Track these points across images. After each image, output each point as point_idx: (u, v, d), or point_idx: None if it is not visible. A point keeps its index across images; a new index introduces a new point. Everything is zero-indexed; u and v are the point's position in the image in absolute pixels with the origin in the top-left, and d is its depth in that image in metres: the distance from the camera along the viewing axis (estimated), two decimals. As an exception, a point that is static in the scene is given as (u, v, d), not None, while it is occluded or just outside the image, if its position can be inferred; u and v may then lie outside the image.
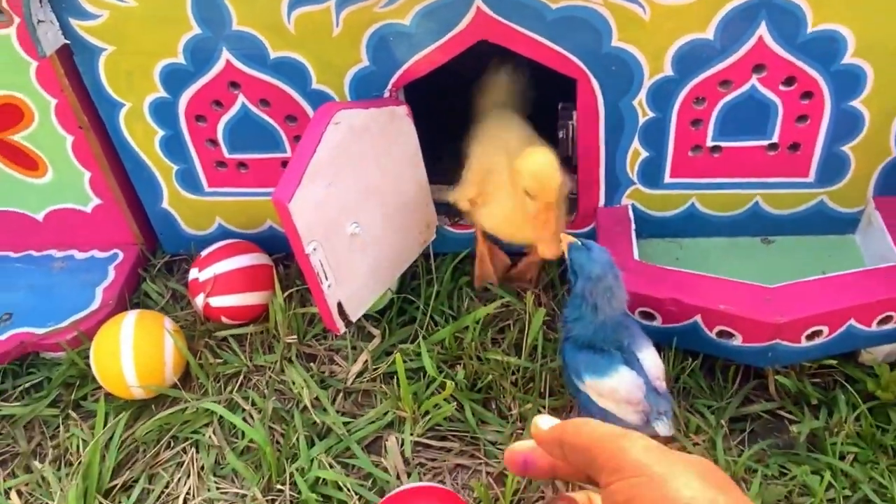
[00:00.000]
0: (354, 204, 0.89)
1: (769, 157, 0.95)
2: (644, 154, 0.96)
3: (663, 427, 0.79)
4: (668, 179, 0.98)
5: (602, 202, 1.01)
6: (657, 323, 0.91)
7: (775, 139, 0.93)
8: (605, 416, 0.81)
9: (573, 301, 0.82)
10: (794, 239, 1.02)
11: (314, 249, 0.85)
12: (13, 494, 0.87)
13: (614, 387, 0.79)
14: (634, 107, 0.91)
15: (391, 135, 0.91)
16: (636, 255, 0.94)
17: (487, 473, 0.88)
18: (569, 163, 1.02)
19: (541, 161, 0.84)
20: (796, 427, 0.88)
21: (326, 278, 0.88)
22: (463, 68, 0.96)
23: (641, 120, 0.92)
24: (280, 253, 1.11)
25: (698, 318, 0.88)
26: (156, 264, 1.15)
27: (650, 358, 0.81)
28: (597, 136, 0.95)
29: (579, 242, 0.82)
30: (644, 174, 0.98)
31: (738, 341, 0.88)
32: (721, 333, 0.88)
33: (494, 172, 0.93)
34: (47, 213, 1.12)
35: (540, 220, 0.86)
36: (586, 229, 1.04)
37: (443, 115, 1.02)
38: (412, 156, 0.95)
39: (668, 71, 0.88)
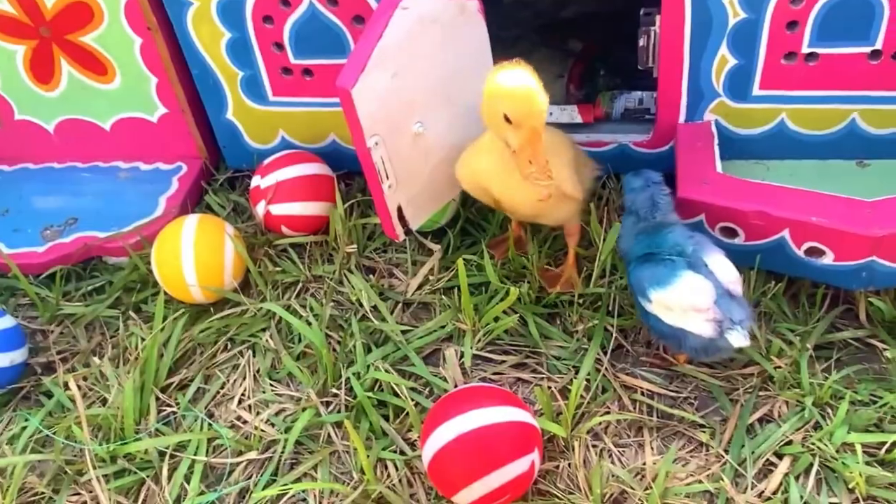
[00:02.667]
0: (420, 101, 0.85)
1: (870, 67, 0.87)
2: (732, 62, 0.89)
3: (737, 337, 0.72)
4: (756, 91, 0.91)
5: (683, 117, 0.95)
6: (739, 240, 0.84)
7: (878, 45, 0.85)
8: (678, 335, 0.76)
9: (623, 220, 0.83)
10: (893, 163, 0.93)
11: (376, 144, 0.82)
12: (72, 383, 0.87)
13: (680, 293, 0.74)
14: (724, 5, 0.85)
15: (461, 30, 0.86)
16: (719, 168, 0.88)
17: (549, 388, 0.84)
18: (649, 75, 0.96)
19: (522, 78, 0.72)
20: (890, 352, 0.80)
21: (387, 177, 0.85)
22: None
23: (732, 21, 0.86)
24: (343, 170, 1.09)
25: (786, 232, 0.81)
26: (219, 178, 1.14)
27: (720, 262, 0.76)
28: (681, 41, 0.89)
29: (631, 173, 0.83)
30: (731, 85, 0.91)
31: (829, 259, 0.81)
32: (810, 251, 0.81)
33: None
34: (115, 121, 1.12)
35: (525, 154, 0.72)
36: (664, 148, 0.98)
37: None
38: (482, 56, 0.90)
39: (764, -35, 0.81)
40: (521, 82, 0.72)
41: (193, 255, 0.93)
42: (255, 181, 1.01)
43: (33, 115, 1.13)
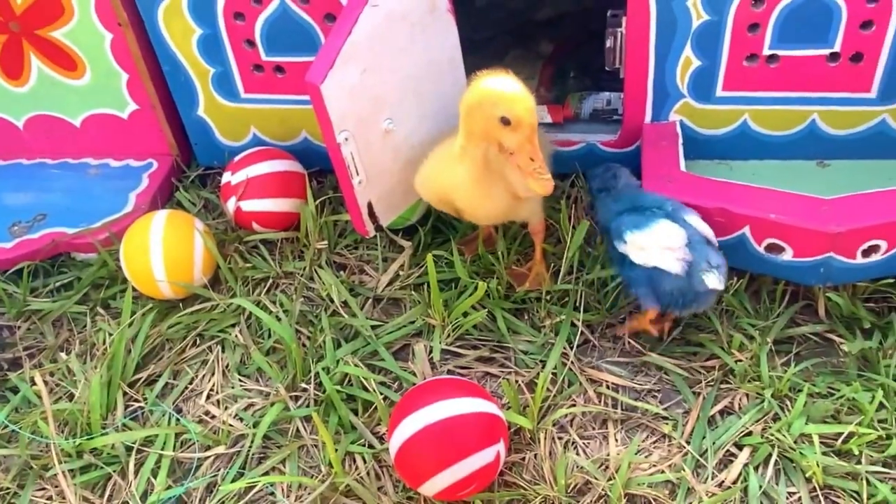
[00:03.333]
0: (389, 98, 0.86)
1: (829, 69, 0.89)
2: (696, 63, 0.91)
3: (713, 279, 0.77)
4: (720, 93, 0.93)
5: (649, 117, 0.97)
6: (702, 236, 0.86)
7: (837, 48, 0.87)
8: (652, 280, 0.79)
9: (596, 202, 0.89)
10: (851, 163, 0.96)
11: (345, 139, 0.83)
12: (38, 378, 0.86)
13: (656, 235, 0.78)
14: (688, 8, 0.87)
15: (431, 28, 0.88)
16: (683, 167, 0.90)
17: (517, 382, 0.85)
18: (616, 75, 0.98)
19: (513, 82, 0.74)
20: (847, 345, 0.83)
21: (357, 173, 0.86)
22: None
23: (695, 23, 0.88)
24: (314, 168, 1.09)
25: (746, 229, 0.83)
26: (189, 175, 1.14)
27: (697, 220, 0.81)
28: (647, 42, 0.90)
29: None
30: (695, 86, 0.93)
31: (788, 255, 0.83)
32: (770, 247, 0.83)
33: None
34: (85, 118, 1.11)
35: (526, 152, 0.75)
36: (631, 148, 1.00)
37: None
38: (452, 55, 0.92)
39: (725, -32, 0.83)
40: (514, 85, 0.74)
41: (162, 250, 0.93)
42: (226, 177, 1.02)
43: (2, 111, 1.12)
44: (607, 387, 0.83)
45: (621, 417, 0.81)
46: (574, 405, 0.82)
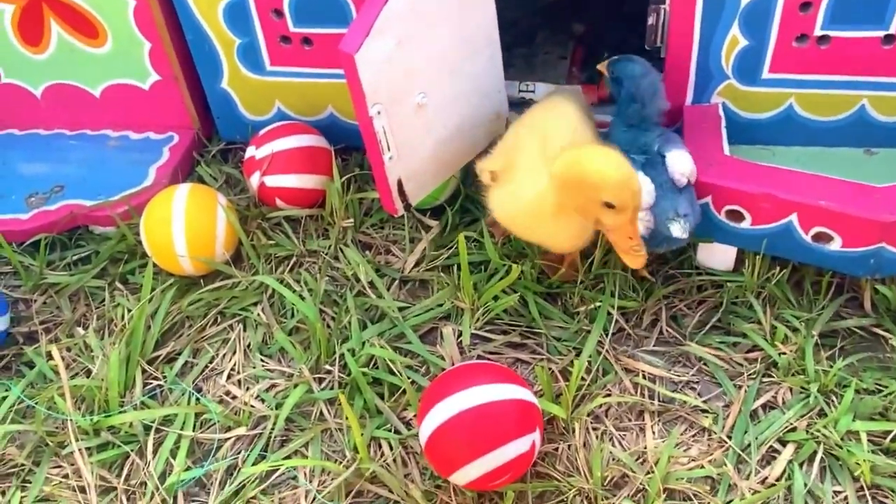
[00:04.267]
0: (423, 71, 0.83)
1: (883, 52, 0.85)
2: (743, 43, 0.87)
3: (677, 228, 0.77)
4: (766, 74, 0.89)
5: (690, 99, 0.93)
6: (746, 224, 0.83)
7: (892, 30, 0.83)
8: None
9: (619, 109, 0.85)
10: (900, 152, 0.92)
11: (378, 113, 0.79)
12: (55, 352, 0.83)
13: None
14: (738, -16, 0.83)
15: (468, 3, 0.84)
16: (726, 151, 0.86)
17: (549, 369, 0.82)
18: (657, 54, 0.94)
19: (622, 167, 0.70)
20: (895, 341, 0.79)
21: (388, 149, 0.82)
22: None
23: (744, 1, 0.84)
24: (339, 144, 1.06)
25: (794, 217, 0.80)
26: (211, 150, 1.11)
27: (676, 156, 0.81)
28: (692, 19, 0.87)
29: (614, 57, 0.85)
30: (740, 67, 0.89)
31: (836, 245, 0.79)
32: (818, 236, 0.80)
33: (522, 150, 0.80)
34: (105, 88, 1.08)
35: (626, 232, 0.71)
36: (670, 130, 0.96)
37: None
38: (489, 30, 0.88)
39: (780, -59, 0.79)
40: (622, 168, 0.70)
41: (184, 224, 0.90)
42: (250, 151, 0.99)
43: (20, 79, 1.10)
44: (644, 377, 0.80)
45: (658, 409, 0.78)
46: (609, 395, 0.79)
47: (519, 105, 1.01)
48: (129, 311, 0.92)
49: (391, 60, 0.78)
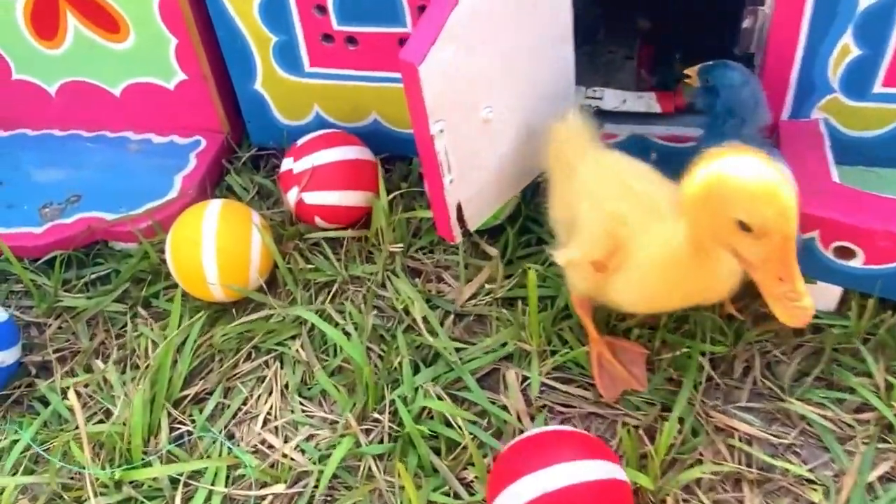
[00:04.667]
0: (491, 82, 0.72)
1: None
2: (855, 52, 0.76)
3: None
4: (878, 89, 0.78)
5: (787, 113, 0.82)
6: (857, 262, 0.72)
7: None
8: None
9: (712, 124, 0.74)
10: None
11: (440, 131, 0.69)
12: (71, 394, 0.74)
13: None
14: (855, -14, 0.72)
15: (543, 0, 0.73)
16: (835, 177, 0.75)
17: (628, 426, 0.72)
18: (749, 62, 0.83)
19: (767, 175, 0.51)
20: None
21: (449, 171, 0.72)
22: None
23: (863, 5, 0.73)
24: (382, 154, 0.96)
25: (917, 258, 0.69)
26: (241, 157, 1.01)
27: None
28: (798, 25, 0.75)
29: (709, 62, 0.75)
30: (849, 80, 0.78)
31: (967, 292, 0.69)
32: (945, 281, 0.69)
33: (625, 223, 0.64)
34: (125, 87, 0.98)
35: (774, 270, 0.52)
36: (770, 145, 0.85)
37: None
38: (562, 29, 0.77)
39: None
40: (766, 176, 0.51)
41: (215, 248, 0.80)
42: (287, 164, 0.89)
43: (33, 75, 1.00)
44: (739, 438, 0.70)
45: (758, 478, 0.68)
46: (701, 460, 0.69)
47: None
48: (153, 341, 0.82)
49: (458, 71, 0.68)
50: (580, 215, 0.67)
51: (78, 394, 0.79)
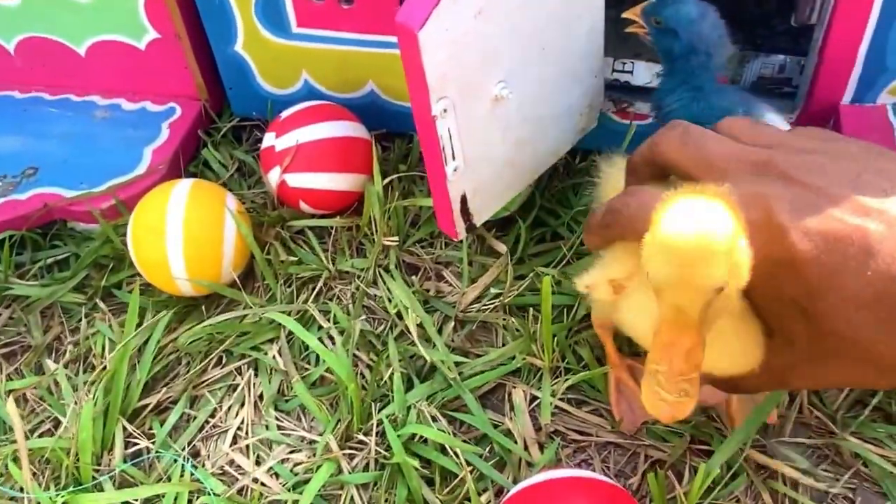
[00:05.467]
0: (506, 52, 0.61)
1: None
2: (938, 27, 0.64)
3: None
4: (961, 71, 0.67)
5: (849, 97, 0.71)
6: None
7: None
8: None
9: (674, 68, 0.66)
10: None
11: (444, 111, 0.58)
12: (10, 408, 0.64)
13: None
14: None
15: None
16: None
17: (651, 459, 0.62)
18: (806, 35, 0.71)
19: (686, 221, 0.37)
20: None
21: (453, 157, 0.61)
22: None
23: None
24: (379, 129, 0.84)
25: None
26: (221, 128, 0.90)
27: (775, 122, 0.63)
28: (872, -7, 0.64)
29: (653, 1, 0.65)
30: (928, 59, 0.67)
31: None
32: None
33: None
34: (91, 44, 0.87)
35: (660, 340, 0.39)
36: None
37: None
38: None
39: None
40: (684, 221, 0.37)
41: (182, 236, 0.69)
42: (269, 140, 0.77)
43: (-12, 29, 0.88)
44: (783, 481, 0.60)
45: (804, 529, 0.58)
46: (738, 501, 0.59)
47: (611, 90, 0.79)
48: (112, 340, 0.72)
49: (466, 39, 0.56)
50: None
51: (25, 399, 0.70)
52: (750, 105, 0.65)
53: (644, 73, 0.81)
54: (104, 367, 0.70)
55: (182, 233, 0.70)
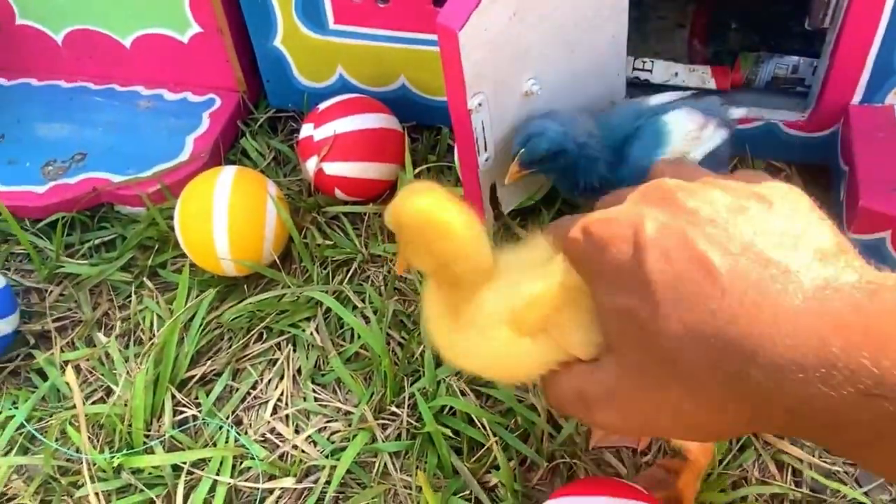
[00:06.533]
0: (537, 50, 0.65)
1: None
2: (945, 32, 0.68)
3: None
4: (966, 74, 0.71)
5: (859, 97, 0.75)
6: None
7: None
8: None
9: (576, 174, 0.68)
10: None
11: (479, 105, 0.62)
12: (69, 372, 0.69)
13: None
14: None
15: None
16: (916, 173, 0.68)
17: (666, 450, 0.66)
18: (819, 39, 0.75)
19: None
20: None
21: (486, 149, 0.66)
22: None
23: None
24: (409, 122, 0.89)
25: None
26: (258, 118, 0.95)
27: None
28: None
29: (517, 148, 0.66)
30: (934, 63, 0.70)
31: None
32: None
33: None
34: (136, 37, 0.91)
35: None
36: (824, 133, 0.78)
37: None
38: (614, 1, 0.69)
39: None
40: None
41: (227, 219, 0.74)
42: (307, 130, 0.82)
43: (38, 21, 0.93)
44: (788, 455, 0.64)
45: (808, 499, 0.62)
46: (746, 477, 0.63)
47: (632, 87, 0.83)
48: (159, 317, 0.77)
49: (502, 38, 0.61)
50: None
51: (77, 369, 0.74)
52: (641, 112, 0.69)
53: (663, 72, 0.85)
54: (153, 341, 0.75)
55: (227, 217, 0.74)
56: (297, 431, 0.69)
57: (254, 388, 0.73)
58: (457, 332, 0.46)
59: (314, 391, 0.72)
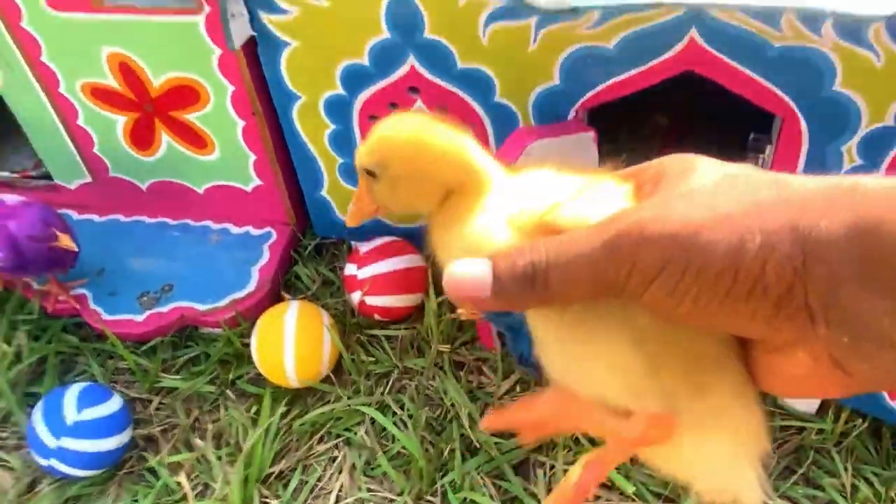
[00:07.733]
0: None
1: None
2: (840, 199, 0.89)
3: None
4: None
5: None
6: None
7: None
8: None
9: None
10: None
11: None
12: (183, 481, 0.91)
13: None
14: (842, 152, 0.84)
15: (570, 152, 0.87)
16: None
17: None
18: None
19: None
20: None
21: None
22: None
23: (846, 167, 0.86)
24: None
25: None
26: (306, 245, 1.17)
27: None
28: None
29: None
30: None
31: (923, 415, 0.83)
32: (905, 404, 0.83)
33: None
34: (209, 187, 1.14)
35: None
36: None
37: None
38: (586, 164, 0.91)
39: (889, 121, 0.80)
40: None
41: (294, 349, 0.96)
42: (351, 269, 1.04)
43: (127, 175, 1.15)
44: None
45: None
46: None
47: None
48: (242, 424, 0.99)
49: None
50: None
51: (179, 466, 0.96)
52: None
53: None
54: (238, 444, 0.96)
55: (294, 345, 0.96)
56: (355, 517, 0.91)
57: (319, 480, 0.94)
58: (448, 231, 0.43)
59: (366, 483, 0.93)
